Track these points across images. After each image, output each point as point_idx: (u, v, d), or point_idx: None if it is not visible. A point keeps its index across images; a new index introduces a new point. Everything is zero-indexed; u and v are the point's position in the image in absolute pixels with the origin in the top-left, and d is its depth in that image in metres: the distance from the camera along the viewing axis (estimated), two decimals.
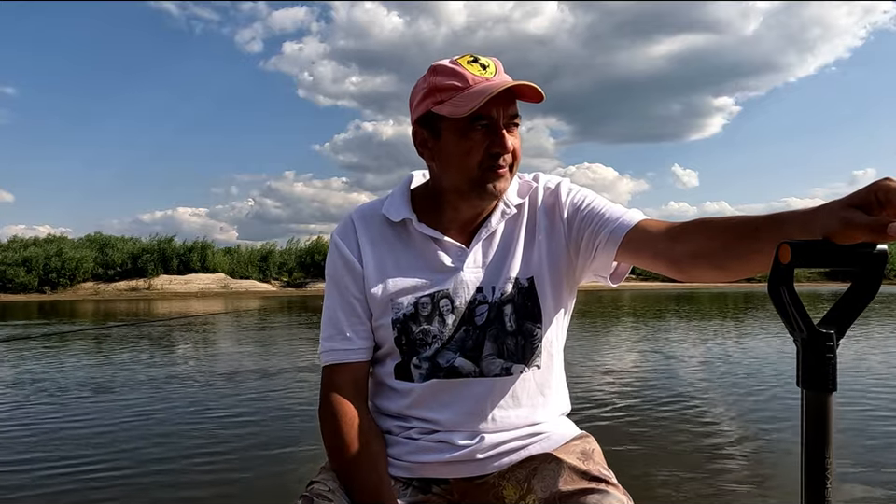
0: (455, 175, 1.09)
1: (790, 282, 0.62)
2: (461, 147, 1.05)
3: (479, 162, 1.06)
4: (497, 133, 1.05)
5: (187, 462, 3.69)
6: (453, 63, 1.07)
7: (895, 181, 0.65)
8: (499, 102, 1.03)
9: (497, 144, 1.05)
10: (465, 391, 1.10)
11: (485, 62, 1.07)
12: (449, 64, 1.07)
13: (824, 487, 0.59)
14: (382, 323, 1.12)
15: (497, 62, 1.09)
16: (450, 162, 1.08)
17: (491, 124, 1.04)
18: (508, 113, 1.05)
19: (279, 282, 38.86)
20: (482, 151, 1.05)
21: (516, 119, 1.08)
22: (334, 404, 1.09)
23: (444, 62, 1.08)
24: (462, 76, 1.04)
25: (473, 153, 1.05)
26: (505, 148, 1.05)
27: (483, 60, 1.07)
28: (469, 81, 1.04)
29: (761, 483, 3.20)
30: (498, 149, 1.05)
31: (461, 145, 1.05)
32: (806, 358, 0.61)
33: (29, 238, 37.46)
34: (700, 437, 4.09)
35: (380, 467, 1.07)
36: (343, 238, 1.16)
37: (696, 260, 0.94)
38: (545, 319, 1.13)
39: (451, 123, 1.05)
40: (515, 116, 1.07)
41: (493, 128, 1.05)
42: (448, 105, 1.04)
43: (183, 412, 5.05)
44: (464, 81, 1.04)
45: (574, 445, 1.12)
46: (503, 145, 1.05)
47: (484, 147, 1.05)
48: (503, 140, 1.05)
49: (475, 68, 1.05)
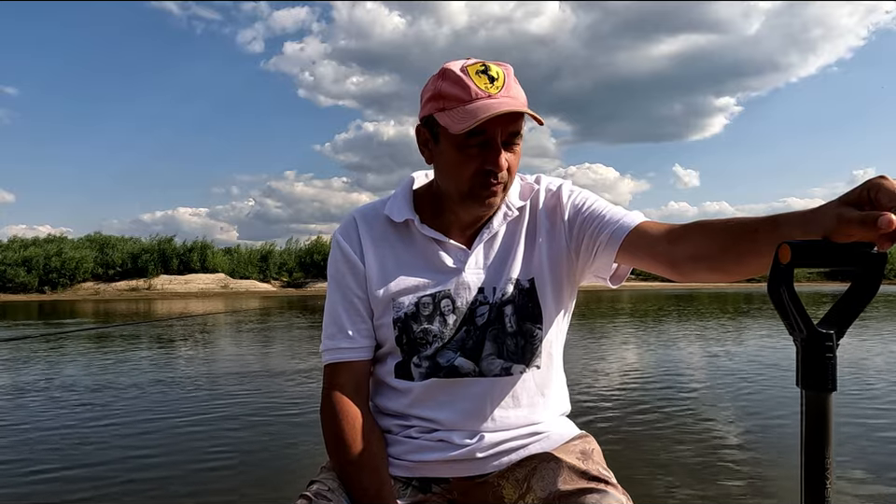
0: (448, 184, 1.09)
1: (789, 282, 0.62)
2: (456, 159, 1.05)
3: (471, 176, 1.05)
4: (493, 151, 1.03)
5: (186, 462, 3.69)
6: (462, 70, 1.04)
7: (888, 179, 0.65)
8: (500, 120, 1.01)
9: (491, 161, 1.04)
10: (464, 391, 1.10)
11: (495, 72, 1.04)
12: (458, 72, 1.04)
13: (824, 487, 0.59)
14: (383, 322, 1.12)
15: (507, 71, 1.05)
16: (444, 170, 1.09)
17: (488, 141, 1.03)
18: (508, 131, 1.04)
19: (279, 282, 38.88)
20: (474, 166, 1.04)
21: (517, 137, 1.06)
22: (335, 403, 1.09)
23: (455, 66, 1.05)
24: (466, 87, 1.02)
25: (466, 167, 1.05)
26: (498, 167, 1.04)
27: (493, 70, 1.04)
28: (471, 94, 1.01)
29: (760, 482, 3.20)
30: (491, 167, 1.04)
31: (456, 157, 1.05)
32: (806, 358, 0.61)
33: (29, 238, 37.51)
34: (700, 437, 4.09)
35: (380, 466, 1.07)
36: (346, 237, 1.16)
37: (696, 263, 0.95)
38: (545, 320, 1.13)
39: (449, 133, 1.04)
40: (517, 134, 1.06)
41: (490, 145, 1.03)
42: (447, 117, 1.03)
43: (183, 412, 5.05)
44: (467, 94, 1.02)
45: (573, 445, 1.13)
46: (496, 163, 1.04)
47: (479, 163, 1.04)
48: (497, 159, 1.03)
49: (482, 81, 1.02)
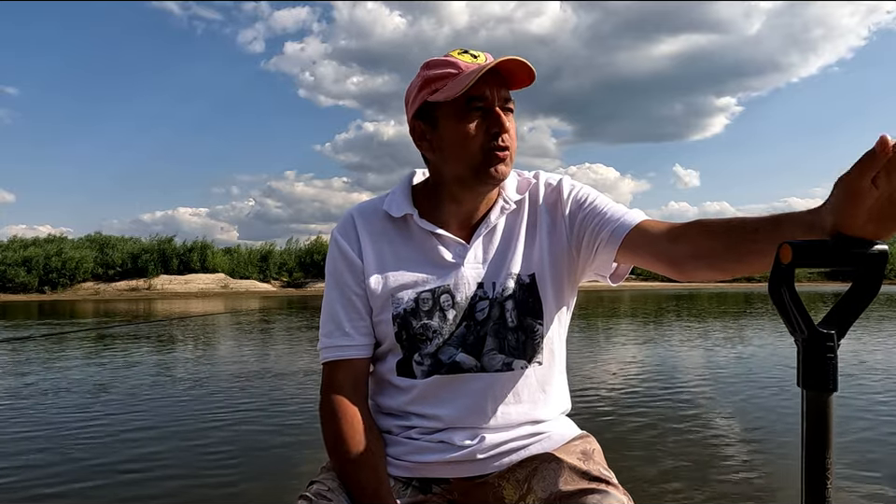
0: (457, 163, 1.09)
1: (790, 282, 0.62)
2: (460, 132, 1.06)
3: (480, 146, 1.06)
4: (494, 115, 1.06)
5: (186, 462, 3.69)
6: (445, 56, 1.09)
7: None
8: (492, 83, 1.05)
9: (495, 124, 1.06)
10: (466, 387, 1.10)
11: (476, 53, 1.09)
12: (440, 57, 1.09)
13: (824, 487, 0.59)
14: (382, 318, 1.12)
15: (487, 54, 1.10)
16: (451, 150, 1.08)
17: (487, 105, 1.06)
18: (501, 95, 1.07)
19: (279, 282, 38.87)
20: (481, 134, 1.06)
21: (510, 102, 1.09)
22: (334, 402, 1.09)
23: (435, 57, 1.10)
24: (454, 64, 1.06)
25: (473, 137, 1.06)
26: (503, 128, 1.06)
27: (473, 52, 1.09)
28: (461, 67, 1.06)
29: (761, 483, 3.20)
30: (497, 129, 1.06)
31: (459, 129, 1.06)
32: (807, 358, 0.61)
33: (29, 238, 37.49)
34: (700, 437, 4.09)
35: (380, 466, 1.07)
36: (343, 234, 1.16)
37: (696, 261, 0.95)
38: (546, 316, 1.13)
39: (447, 110, 1.06)
40: (509, 99, 1.09)
41: (489, 110, 1.06)
42: (443, 92, 1.05)
43: (183, 412, 5.05)
44: (456, 68, 1.06)
45: (574, 445, 1.12)
46: (501, 124, 1.06)
47: (483, 130, 1.06)
48: (500, 119, 1.05)
49: (466, 57, 1.07)
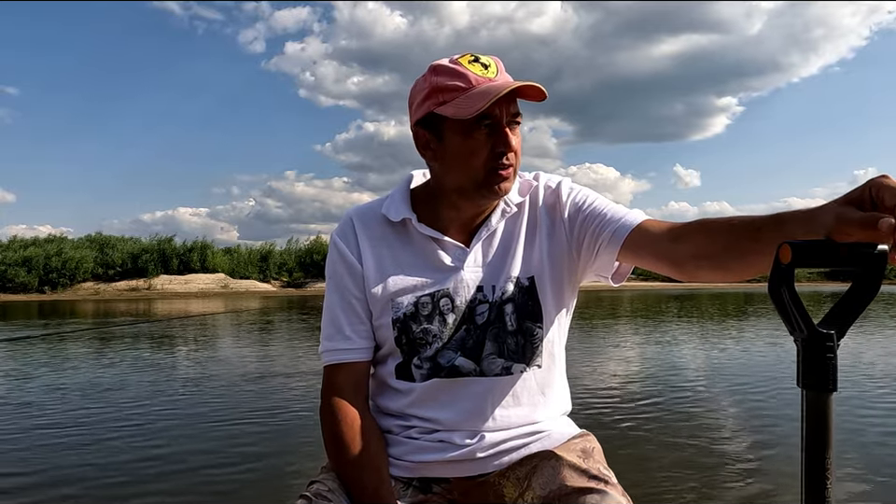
0: (460, 177, 1.08)
1: (790, 282, 0.62)
2: (465, 148, 1.05)
3: (484, 163, 1.05)
4: (501, 133, 1.04)
5: (186, 462, 3.68)
6: (453, 62, 1.06)
7: (889, 178, 0.65)
8: (502, 101, 1.03)
9: (502, 143, 1.05)
10: (465, 390, 1.10)
11: (486, 61, 1.06)
12: (450, 64, 1.06)
13: (824, 487, 0.59)
14: (382, 322, 1.12)
15: (497, 60, 1.08)
16: (454, 163, 1.08)
17: (494, 123, 1.04)
18: (510, 111, 1.05)
19: (279, 282, 38.85)
20: (486, 151, 1.05)
21: (518, 117, 1.07)
22: (335, 404, 1.09)
23: (444, 61, 1.07)
24: (465, 76, 1.04)
25: (478, 154, 1.05)
26: (509, 147, 1.05)
27: (483, 59, 1.07)
28: (472, 82, 1.03)
29: (761, 483, 3.20)
30: (503, 148, 1.05)
31: (465, 145, 1.05)
32: (807, 358, 0.61)
33: (29, 238, 37.43)
34: (700, 437, 4.09)
35: (380, 467, 1.07)
36: (343, 238, 1.16)
37: (698, 261, 0.95)
38: (546, 319, 1.13)
39: (454, 124, 1.04)
40: (517, 114, 1.07)
41: (496, 127, 1.04)
42: (452, 107, 1.03)
43: (183, 412, 5.05)
44: (467, 82, 1.03)
45: (574, 443, 1.12)
46: (507, 143, 1.05)
47: (489, 148, 1.05)
48: (507, 139, 1.05)
49: (477, 68, 1.05)
